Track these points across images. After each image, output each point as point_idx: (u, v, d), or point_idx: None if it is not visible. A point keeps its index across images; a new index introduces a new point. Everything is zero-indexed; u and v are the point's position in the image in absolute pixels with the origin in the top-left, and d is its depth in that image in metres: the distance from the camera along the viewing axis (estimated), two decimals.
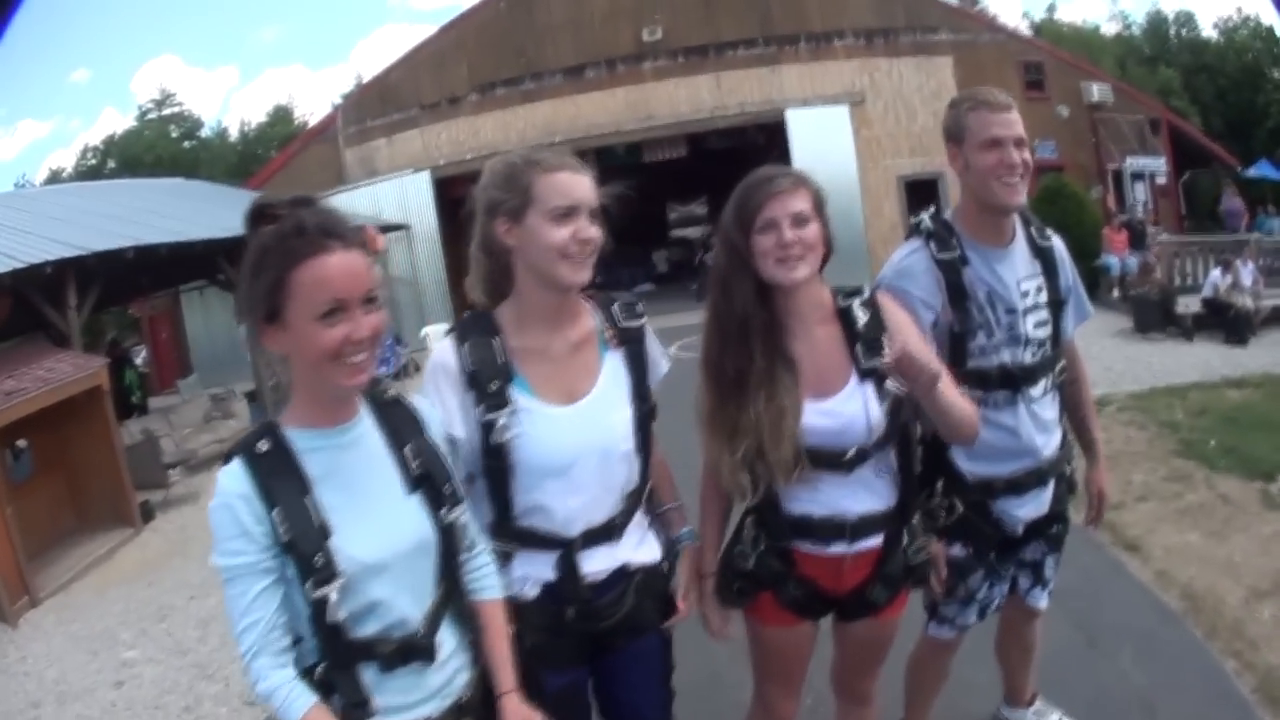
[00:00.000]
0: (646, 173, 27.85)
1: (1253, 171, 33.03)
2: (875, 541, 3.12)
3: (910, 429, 3.21)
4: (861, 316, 3.05)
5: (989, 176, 3.32)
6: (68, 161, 67.57)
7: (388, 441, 2.43)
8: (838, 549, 3.09)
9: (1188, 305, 16.46)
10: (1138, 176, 27.66)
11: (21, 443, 11.30)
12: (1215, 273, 16.48)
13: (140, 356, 28.51)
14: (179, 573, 10.22)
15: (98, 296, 15.20)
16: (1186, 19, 55.18)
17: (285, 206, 2.27)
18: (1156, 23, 55.63)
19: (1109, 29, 58.42)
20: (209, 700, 6.96)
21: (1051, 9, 61.22)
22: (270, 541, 2.19)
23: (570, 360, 2.87)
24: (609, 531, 2.88)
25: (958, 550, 3.57)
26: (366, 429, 2.41)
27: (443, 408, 2.72)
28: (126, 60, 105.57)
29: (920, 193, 25.58)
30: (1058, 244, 3.65)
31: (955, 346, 3.38)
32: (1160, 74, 47.79)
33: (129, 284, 20.66)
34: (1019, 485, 3.53)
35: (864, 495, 3.09)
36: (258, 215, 2.28)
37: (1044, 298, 3.50)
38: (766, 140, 28.52)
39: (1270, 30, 48.27)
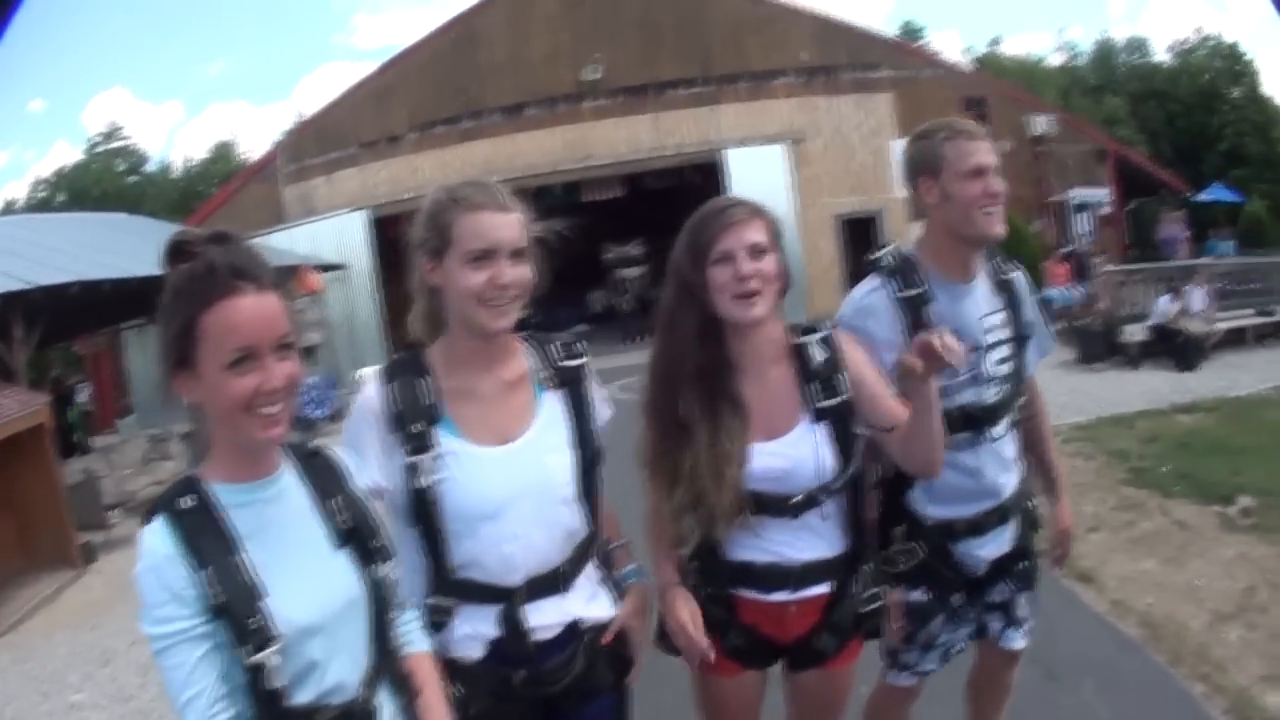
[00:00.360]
0: (584, 212, 27.82)
1: (1205, 195, 33.73)
2: (822, 589, 3.01)
3: (865, 474, 3.10)
4: (817, 355, 2.97)
5: (972, 207, 3.21)
6: (20, 193, 68.45)
7: (312, 495, 2.26)
8: (780, 596, 2.98)
9: (1132, 334, 16.66)
10: (1081, 208, 28.04)
11: None
12: (1163, 299, 16.60)
13: (84, 394, 28.14)
14: (120, 617, 10.09)
15: (42, 332, 15.27)
16: (1138, 45, 56.67)
17: (202, 243, 2.11)
18: (1104, 52, 56.74)
19: (1055, 60, 59.95)
20: None
21: (995, 43, 62.30)
22: (202, 605, 2.00)
23: (503, 401, 2.72)
24: (555, 581, 2.70)
25: (919, 595, 3.43)
26: (289, 483, 2.24)
27: (366, 451, 2.60)
28: (80, 92, 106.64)
29: (858, 231, 25.85)
30: (1019, 276, 3.56)
31: None
32: (1106, 103, 48.57)
33: (73, 320, 20.60)
34: (980, 526, 3.40)
35: (811, 541, 2.98)
36: (175, 252, 2.12)
37: (1007, 333, 3.40)
38: (704, 180, 28.50)
39: (1232, 48, 49.38)
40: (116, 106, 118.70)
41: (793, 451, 2.90)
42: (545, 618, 2.67)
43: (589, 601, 2.79)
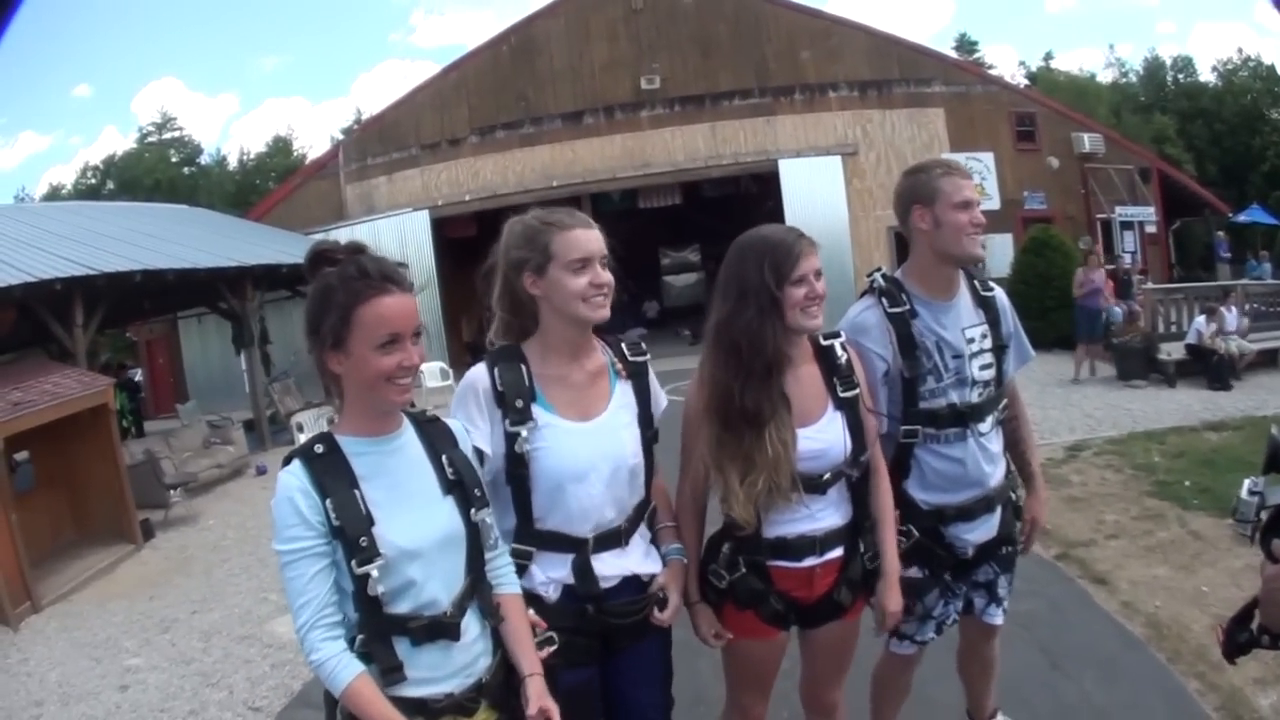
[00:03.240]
0: (641, 218, 28.43)
1: (1243, 217, 33.38)
2: (838, 552, 3.51)
3: (873, 453, 3.62)
4: (841, 355, 3.54)
5: (960, 232, 3.72)
6: (67, 178, 68.66)
7: (427, 451, 2.81)
8: (810, 561, 3.47)
9: (1171, 352, 16.72)
10: (1126, 226, 27.79)
11: (22, 454, 11.42)
12: (1200, 319, 16.72)
13: (136, 379, 28.72)
14: (181, 589, 10.46)
15: (102, 317, 15.68)
16: (1185, 64, 55.84)
17: (343, 252, 2.68)
18: (1154, 69, 56.05)
19: (1105, 76, 59.14)
20: (214, 706, 7.17)
21: (1048, 57, 62.07)
22: (325, 530, 2.55)
23: (587, 387, 3.27)
24: (617, 537, 3.24)
25: (914, 571, 3.86)
26: (409, 439, 2.79)
27: (471, 420, 3.10)
28: (128, 79, 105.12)
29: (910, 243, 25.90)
30: (999, 295, 4.06)
31: (907, 390, 3.78)
32: (1155, 121, 48.18)
33: (132, 306, 21.07)
34: (969, 512, 3.88)
35: (830, 512, 3.49)
36: (318, 259, 2.69)
37: (988, 343, 3.89)
38: (760, 190, 29.07)
39: (1270, 70, 48.54)
40: (168, 96, 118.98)
41: (825, 435, 3.41)
42: (607, 569, 3.21)
43: (644, 558, 3.33)
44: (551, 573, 3.18)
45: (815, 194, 27.12)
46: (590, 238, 3.17)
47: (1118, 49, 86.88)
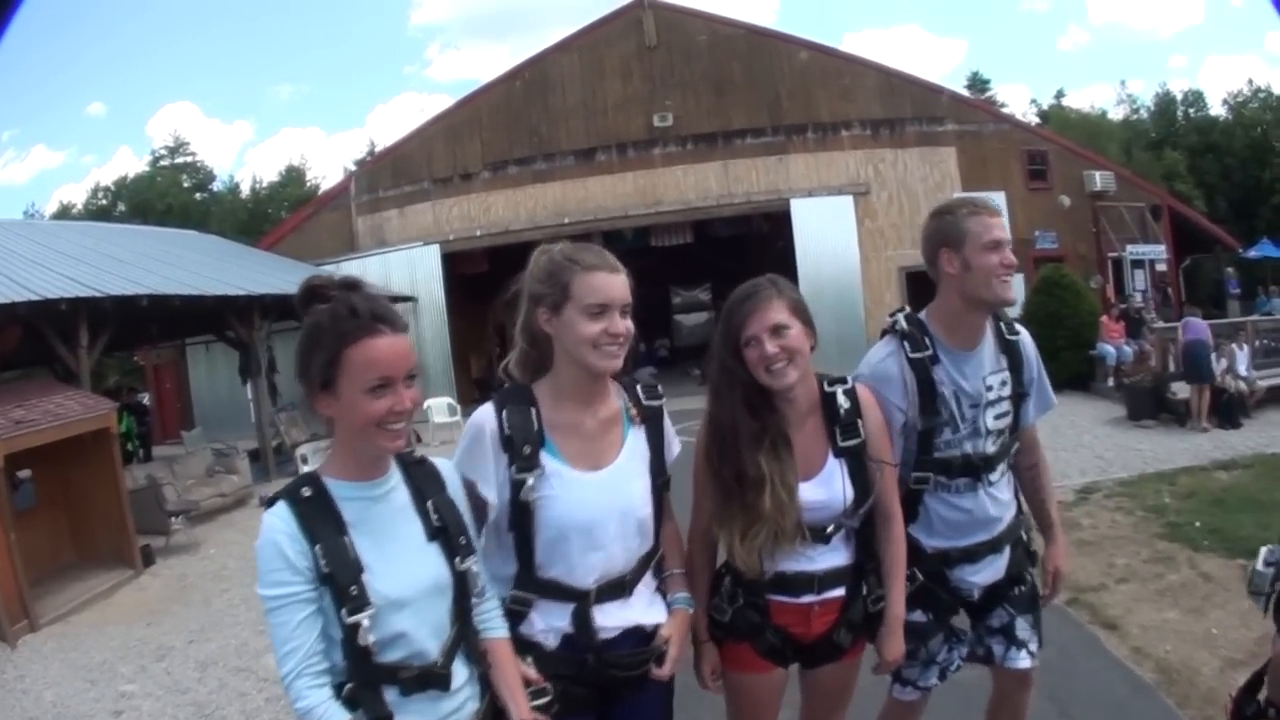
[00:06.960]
0: (653, 257, 28.41)
1: (1253, 252, 33.39)
2: (839, 592, 3.44)
3: (890, 501, 3.52)
4: (844, 403, 3.42)
5: (991, 275, 3.58)
6: (78, 197, 69.20)
7: (413, 496, 2.74)
8: (807, 599, 3.41)
9: (1181, 392, 16.58)
10: (1138, 264, 27.94)
11: (24, 473, 11.49)
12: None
13: (145, 403, 28.79)
14: (179, 617, 10.45)
15: (107, 339, 15.75)
16: (1195, 98, 56.02)
17: (336, 288, 2.61)
18: (1164, 104, 56.25)
19: (1117, 113, 59.50)
20: None
21: (1060, 95, 62.75)
22: (312, 575, 2.47)
23: (599, 435, 3.15)
24: (621, 587, 3.12)
25: (918, 616, 3.75)
26: (396, 484, 2.72)
27: (479, 464, 3.01)
28: (144, 101, 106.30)
29: (921, 284, 25.80)
30: (1025, 338, 3.91)
31: (923, 440, 3.67)
32: (1166, 157, 48.24)
33: (138, 330, 21.15)
34: (973, 554, 3.76)
35: (830, 554, 3.43)
36: (310, 295, 2.61)
37: (1007, 390, 3.76)
38: (771, 229, 29.09)
39: None
40: (183, 120, 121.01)
41: (827, 487, 3.35)
42: (609, 620, 3.09)
43: (648, 607, 3.21)
44: (552, 621, 3.08)
45: (827, 233, 27.17)
46: (613, 283, 3.05)
47: (1129, 85, 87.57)
